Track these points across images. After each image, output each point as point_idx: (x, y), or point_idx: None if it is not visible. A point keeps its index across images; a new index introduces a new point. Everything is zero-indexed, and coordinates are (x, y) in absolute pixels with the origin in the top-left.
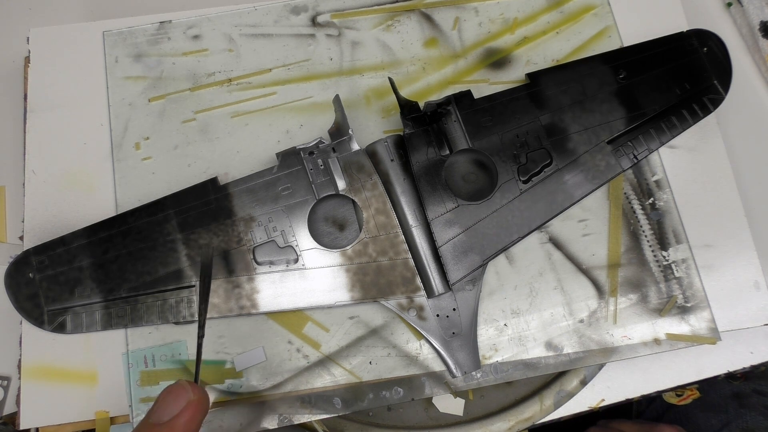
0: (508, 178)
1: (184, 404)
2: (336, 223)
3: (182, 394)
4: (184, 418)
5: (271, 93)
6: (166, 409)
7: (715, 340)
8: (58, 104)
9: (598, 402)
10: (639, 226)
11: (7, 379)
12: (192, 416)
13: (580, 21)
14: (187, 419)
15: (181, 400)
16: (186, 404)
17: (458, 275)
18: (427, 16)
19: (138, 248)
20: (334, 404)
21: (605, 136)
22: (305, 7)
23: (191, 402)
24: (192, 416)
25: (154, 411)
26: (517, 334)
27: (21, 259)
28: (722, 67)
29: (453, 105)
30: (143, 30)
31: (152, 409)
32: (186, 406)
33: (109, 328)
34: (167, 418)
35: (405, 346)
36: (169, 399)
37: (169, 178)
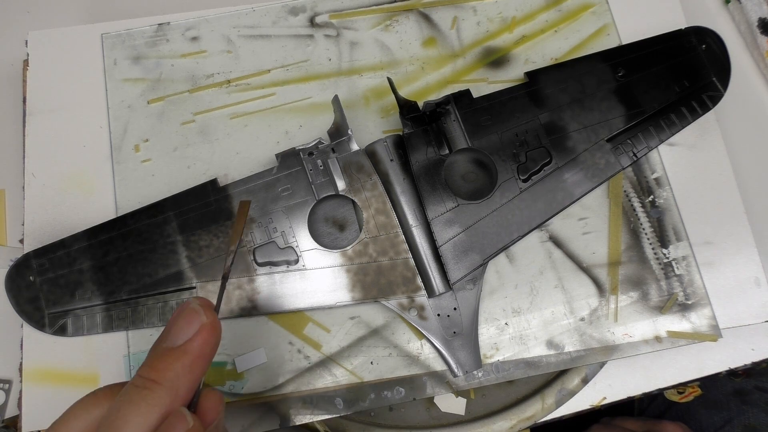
0: (508, 177)
1: (198, 328)
2: (336, 224)
3: (195, 318)
4: (198, 341)
5: (270, 94)
6: (179, 332)
7: (716, 337)
8: (57, 107)
9: (599, 400)
10: (639, 224)
11: (9, 383)
12: (206, 340)
13: (579, 19)
14: (201, 342)
15: (194, 323)
16: (199, 327)
17: (459, 274)
18: (426, 15)
19: (138, 250)
20: (336, 405)
21: (604, 134)
22: (303, 8)
23: (204, 325)
24: (206, 340)
25: (166, 335)
26: (518, 333)
27: (21, 262)
28: (721, 64)
29: (452, 104)
30: (142, 32)
31: (164, 332)
32: (199, 329)
33: (110, 330)
34: (181, 341)
35: (406, 346)
36: (181, 323)
37: (169, 179)
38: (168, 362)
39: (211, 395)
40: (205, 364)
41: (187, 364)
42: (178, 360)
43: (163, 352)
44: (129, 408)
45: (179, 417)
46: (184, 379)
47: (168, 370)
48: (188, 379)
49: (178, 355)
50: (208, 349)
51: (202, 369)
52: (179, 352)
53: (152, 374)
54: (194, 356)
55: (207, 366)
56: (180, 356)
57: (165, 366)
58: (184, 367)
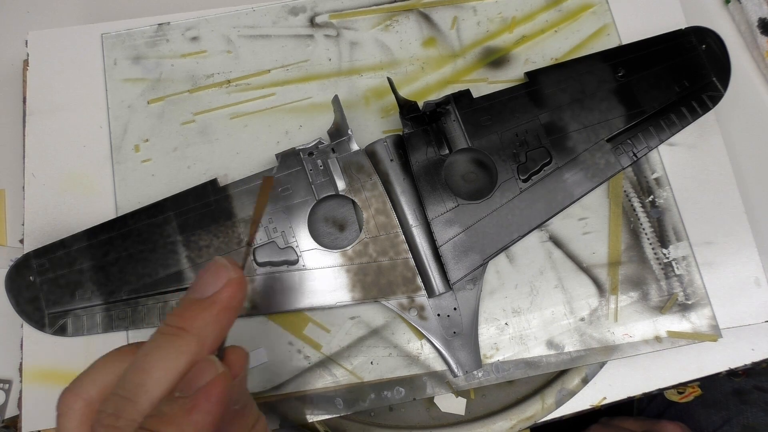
0: (508, 177)
1: (225, 281)
2: (336, 224)
3: (222, 272)
4: (225, 293)
5: (270, 94)
6: (207, 286)
7: (716, 337)
8: (57, 107)
9: (599, 400)
10: (639, 224)
11: (9, 383)
12: (233, 293)
13: (579, 19)
14: (228, 295)
15: (222, 277)
16: (227, 281)
17: (459, 275)
18: (426, 15)
19: (138, 250)
20: (336, 405)
21: (604, 134)
22: (303, 8)
23: (232, 279)
24: (233, 293)
25: (194, 288)
26: (518, 333)
27: (21, 262)
28: (721, 64)
29: (452, 104)
30: (142, 32)
31: (192, 285)
32: (227, 282)
33: (110, 330)
34: (209, 293)
35: (406, 346)
36: (208, 276)
37: (169, 179)
38: (196, 311)
39: (236, 350)
40: (232, 316)
41: (215, 314)
42: (206, 310)
43: (192, 302)
44: (157, 353)
45: (209, 363)
46: (212, 328)
47: (196, 318)
48: (215, 329)
49: (206, 305)
50: (236, 302)
51: (229, 321)
52: (207, 303)
53: (180, 322)
54: (221, 307)
55: (233, 318)
56: (208, 306)
57: (193, 315)
58: (211, 316)
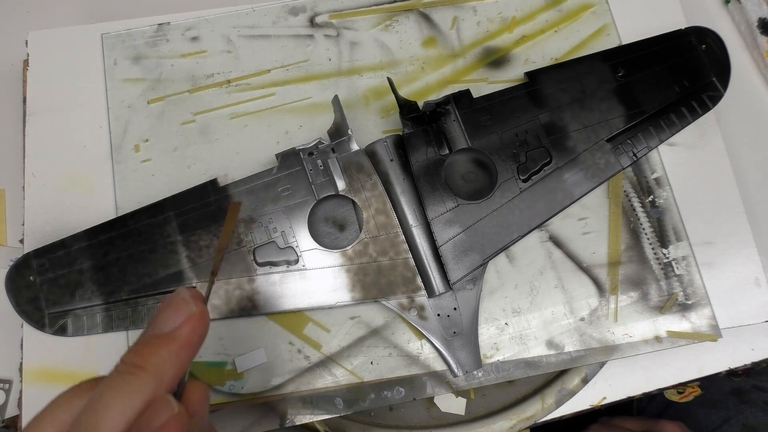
0: (508, 177)
1: (186, 316)
2: (336, 224)
3: (183, 307)
4: (185, 329)
5: (270, 94)
6: (167, 321)
7: (716, 337)
8: (57, 107)
9: (599, 400)
10: (639, 224)
11: (9, 383)
12: (194, 328)
13: (579, 19)
14: (188, 330)
15: (182, 312)
16: (188, 316)
17: (459, 274)
18: (426, 15)
19: (138, 250)
20: (336, 405)
21: (604, 134)
22: (303, 8)
23: (193, 314)
24: (194, 328)
25: (154, 322)
26: (518, 333)
27: (21, 262)
28: (721, 64)
29: (452, 104)
30: (142, 32)
31: (152, 320)
32: (188, 317)
33: (111, 330)
34: (168, 329)
35: (406, 346)
36: (169, 311)
37: (169, 179)
38: (154, 348)
39: (196, 386)
40: (191, 353)
41: (174, 350)
42: (165, 346)
43: (150, 338)
44: (112, 393)
45: (164, 403)
46: (170, 365)
47: (153, 355)
48: (174, 366)
49: (165, 342)
50: (196, 337)
51: (189, 357)
52: (166, 339)
53: (137, 360)
54: (181, 343)
55: (193, 355)
56: (167, 343)
57: (150, 351)
58: (170, 353)
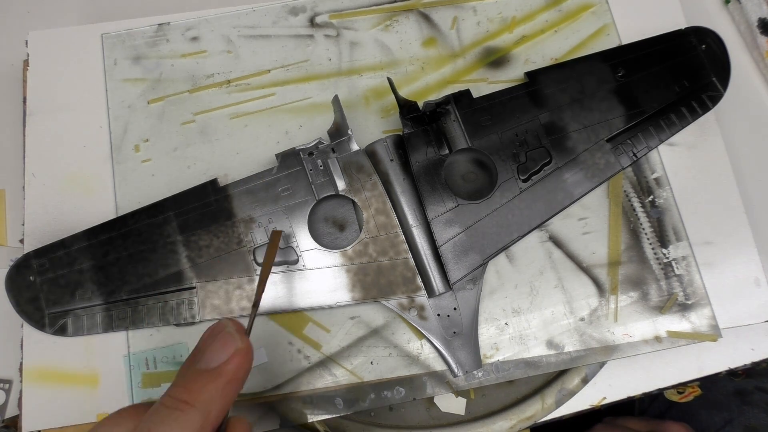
0: (508, 177)
1: (232, 351)
2: (336, 224)
3: (230, 342)
4: (232, 365)
5: (270, 94)
6: (214, 355)
7: (716, 337)
8: (57, 107)
9: (599, 400)
10: (639, 224)
11: (9, 383)
12: (240, 364)
13: (579, 19)
14: (235, 366)
15: (229, 347)
16: (234, 351)
17: (459, 274)
18: (426, 15)
19: (138, 250)
20: (336, 404)
21: (604, 134)
22: (303, 8)
23: (240, 350)
24: (240, 364)
25: (200, 356)
26: (518, 333)
27: (21, 262)
28: (721, 64)
29: (452, 104)
30: (142, 32)
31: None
32: (234, 353)
33: (110, 330)
34: (215, 364)
35: (406, 346)
36: (216, 346)
37: (169, 179)
38: (201, 384)
39: (240, 422)
40: (237, 389)
41: (220, 387)
42: (212, 382)
43: (197, 373)
44: (161, 429)
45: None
46: (217, 401)
47: (201, 392)
48: (221, 402)
49: (212, 378)
50: (242, 373)
51: (234, 393)
52: (214, 375)
53: (185, 395)
54: (227, 379)
55: (238, 391)
56: (214, 378)
57: (198, 388)
58: (217, 389)
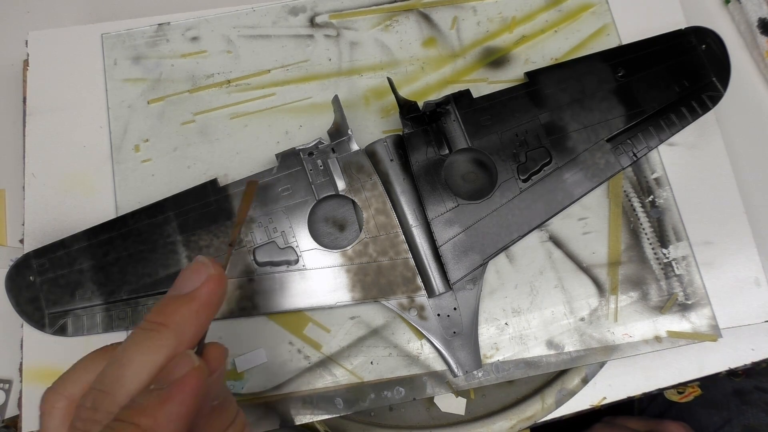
0: (508, 177)
1: (205, 278)
2: (336, 224)
3: (202, 269)
4: (205, 289)
5: (270, 94)
6: (187, 282)
7: (716, 337)
8: (57, 107)
9: (599, 400)
10: (639, 224)
11: (9, 383)
12: (213, 289)
13: (579, 19)
14: (208, 291)
15: (201, 273)
16: (207, 277)
17: (459, 274)
18: (426, 15)
19: (138, 250)
20: (336, 405)
21: (604, 134)
22: (303, 8)
23: (212, 275)
24: (213, 289)
25: (175, 285)
26: (518, 333)
27: (21, 262)
28: (721, 64)
29: (452, 104)
30: (142, 32)
31: (174, 284)
32: (207, 279)
33: (111, 330)
34: (189, 289)
35: (406, 346)
36: (188, 273)
37: (169, 179)
38: (175, 307)
39: (215, 346)
40: (211, 312)
41: (194, 309)
42: (185, 305)
43: (172, 298)
44: (135, 348)
45: (185, 357)
46: (191, 323)
47: (175, 314)
48: (194, 324)
49: (185, 301)
50: (215, 297)
51: (208, 317)
52: (186, 298)
53: (159, 317)
54: (201, 303)
55: (212, 315)
56: (187, 302)
57: (172, 310)
58: (190, 312)
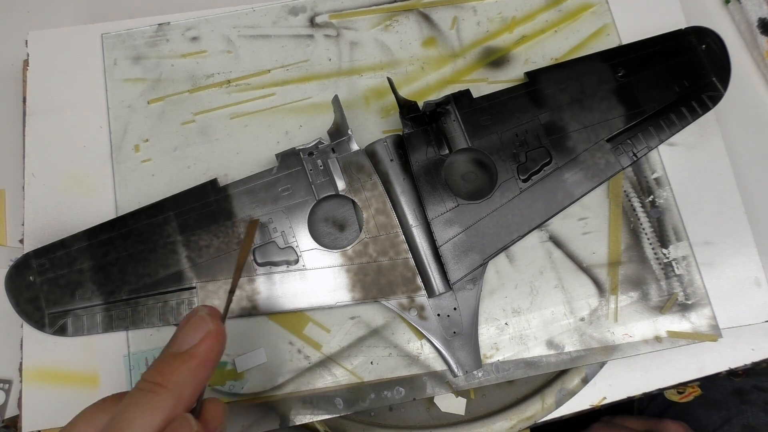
0: (508, 177)
1: (204, 334)
2: (336, 224)
3: (201, 325)
4: (203, 346)
5: (270, 94)
6: (186, 339)
7: (716, 337)
8: (57, 107)
9: (599, 400)
10: (639, 224)
11: (9, 383)
12: (211, 346)
13: (579, 19)
14: (206, 348)
15: (200, 330)
16: (205, 334)
17: (459, 274)
18: (426, 15)
19: (138, 250)
20: (336, 405)
21: (604, 134)
22: (303, 8)
23: (210, 332)
24: (211, 346)
25: (173, 341)
26: (518, 333)
27: (21, 262)
28: (721, 64)
29: (452, 104)
30: (142, 32)
31: (172, 339)
32: (205, 335)
33: (110, 330)
34: (187, 346)
35: (406, 346)
36: (187, 329)
37: (169, 179)
38: (173, 366)
39: (214, 403)
40: (209, 370)
41: (192, 368)
42: (183, 364)
43: (170, 356)
44: (134, 410)
45: (183, 421)
46: (189, 383)
47: (173, 373)
48: (193, 384)
49: (183, 360)
50: (213, 355)
51: (207, 374)
52: (184, 357)
53: (157, 377)
54: (199, 361)
55: (211, 372)
56: (185, 360)
57: (170, 370)
58: (188, 371)
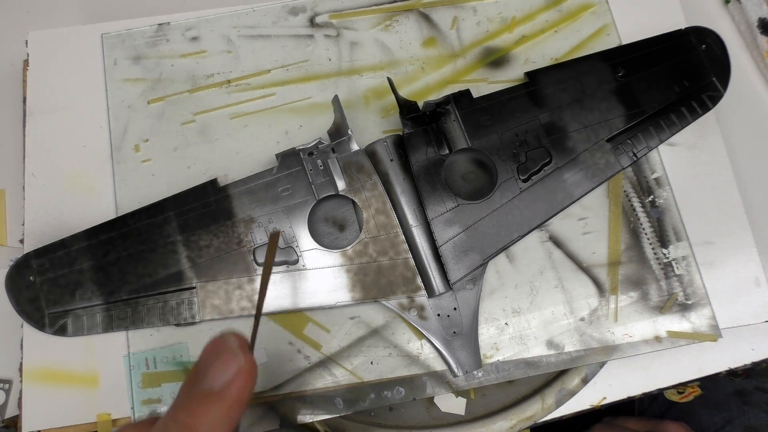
0: (508, 177)
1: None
2: (336, 224)
3: (233, 361)
4: (236, 386)
5: (270, 94)
6: (217, 375)
7: (716, 337)
8: (57, 107)
9: (599, 400)
10: (639, 224)
11: (9, 383)
12: (244, 385)
13: (579, 19)
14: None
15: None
16: (237, 371)
17: (459, 274)
18: (426, 15)
19: (138, 250)
20: (336, 405)
21: (604, 134)
22: (303, 8)
23: (242, 369)
24: (244, 385)
25: (203, 376)
26: (518, 333)
27: (21, 262)
28: (721, 64)
29: (452, 104)
30: (142, 32)
31: (199, 371)
32: (237, 373)
33: (110, 330)
34: (218, 384)
35: (406, 346)
36: (219, 365)
37: (169, 179)
38: (206, 407)
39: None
40: (242, 411)
41: (225, 410)
42: (216, 405)
43: (201, 395)
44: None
45: None
46: (223, 425)
47: (206, 415)
48: (225, 426)
49: (216, 400)
50: (246, 394)
51: (240, 414)
52: (217, 398)
53: (189, 419)
54: (232, 402)
55: (244, 411)
56: (218, 401)
57: (203, 411)
58: (221, 413)
